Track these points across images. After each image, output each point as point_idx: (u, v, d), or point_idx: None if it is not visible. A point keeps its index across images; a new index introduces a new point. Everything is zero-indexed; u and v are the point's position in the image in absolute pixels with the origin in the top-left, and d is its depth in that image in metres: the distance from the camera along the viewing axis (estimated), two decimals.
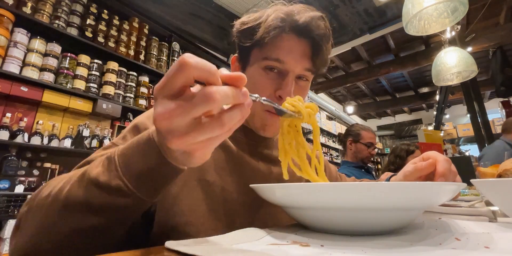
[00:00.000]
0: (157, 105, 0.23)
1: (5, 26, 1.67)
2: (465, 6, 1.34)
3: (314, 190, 0.29)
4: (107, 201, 0.29)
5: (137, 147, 0.30)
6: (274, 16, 0.51)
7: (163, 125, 0.23)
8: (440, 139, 2.35)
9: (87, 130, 1.98)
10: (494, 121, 5.01)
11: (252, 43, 0.52)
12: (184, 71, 0.22)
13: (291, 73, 0.52)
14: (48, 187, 0.35)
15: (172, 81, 0.22)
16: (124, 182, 0.29)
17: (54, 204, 0.31)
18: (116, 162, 0.30)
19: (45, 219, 0.31)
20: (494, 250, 0.24)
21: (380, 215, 0.30)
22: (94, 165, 0.32)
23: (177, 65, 0.22)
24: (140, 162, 0.29)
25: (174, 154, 0.27)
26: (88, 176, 0.30)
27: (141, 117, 0.51)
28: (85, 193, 0.30)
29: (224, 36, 3.29)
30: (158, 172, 0.29)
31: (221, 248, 0.24)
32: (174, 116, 0.22)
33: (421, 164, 0.46)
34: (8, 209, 1.53)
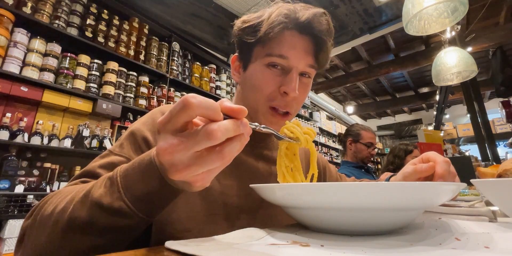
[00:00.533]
0: (160, 140, 0.25)
1: (5, 26, 1.67)
2: (465, 6, 1.34)
3: (314, 190, 0.29)
4: (110, 222, 0.30)
5: (138, 169, 0.30)
6: (278, 13, 0.51)
7: (166, 159, 0.25)
8: (440, 139, 2.35)
9: (87, 130, 1.98)
10: (494, 121, 5.02)
11: (255, 40, 0.52)
12: (187, 111, 0.23)
13: (294, 69, 0.52)
14: (50, 203, 0.35)
15: (175, 119, 0.24)
16: (127, 203, 0.29)
17: (58, 224, 0.31)
18: (119, 184, 0.30)
19: (48, 239, 0.32)
20: (494, 250, 0.24)
21: (380, 215, 0.30)
22: (96, 185, 0.32)
23: (180, 105, 0.23)
24: (142, 184, 0.30)
25: (175, 183, 0.29)
26: (91, 198, 0.31)
27: (137, 124, 0.51)
28: (88, 214, 0.30)
29: (224, 36, 3.28)
30: (159, 194, 0.30)
31: (221, 248, 0.24)
32: (176, 151, 0.24)
33: (421, 166, 0.46)
34: (8, 209, 1.53)
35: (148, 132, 0.48)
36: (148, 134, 0.48)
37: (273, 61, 0.52)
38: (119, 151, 0.46)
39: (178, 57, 2.79)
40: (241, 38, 0.55)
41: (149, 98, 2.47)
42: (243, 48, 0.57)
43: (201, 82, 2.97)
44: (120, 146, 0.47)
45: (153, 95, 2.51)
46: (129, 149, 0.46)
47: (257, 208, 0.52)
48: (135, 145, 0.47)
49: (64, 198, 0.34)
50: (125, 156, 0.45)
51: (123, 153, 0.46)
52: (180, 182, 0.28)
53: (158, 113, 0.53)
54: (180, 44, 2.87)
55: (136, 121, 0.53)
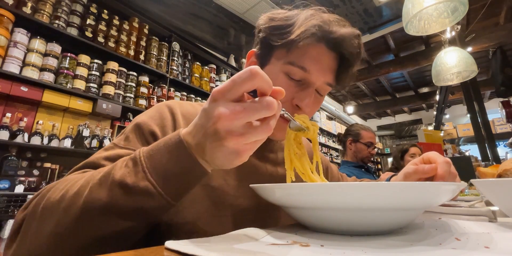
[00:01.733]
0: (219, 106, 0.26)
1: (5, 26, 1.67)
2: (465, 6, 1.34)
3: (314, 190, 0.29)
4: (133, 203, 0.29)
5: (165, 148, 0.30)
6: (313, 22, 0.47)
7: (225, 124, 0.26)
8: (440, 139, 2.35)
9: (87, 130, 1.98)
10: (494, 121, 5.02)
11: (281, 43, 0.49)
12: (254, 80, 0.25)
13: (312, 84, 0.50)
14: (55, 191, 0.33)
15: (239, 87, 0.25)
16: (153, 183, 0.29)
17: (71, 209, 0.29)
18: (143, 164, 0.29)
19: (59, 227, 0.29)
20: (494, 250, 0.24)
21: (380, 215, 0.30)
22: (116, 166, 0.31)
23: (248, 74, 0.25)
24: (170, 164, 0.29)
25: (218, 156, 0.28)
26: (112, 178, 0.29)
27: (143, 117, 0.49)
28: (109, 195, 0.29)
29: (224, 36, 3.29)
30: (186, 174, 0.30)
31: (221, 248, 0.24)
32: (238, 118, 0.25)
33: (422, 167, 0.45)
34: (8, 209, 1.53)
35: (156, 127, 0.47)
36: (156, 128, 0.46)
37: (293, 72, 0.49)
38: (125, 144, 0.44)
39: (178, 57, 2.79)
40: (265, 36, 0.52)
41: (149, 98, 2.47)
42: (263, 46, 0.54)
43: (201, 82, 2.97)
44: (126, 139, 0.45)
45: (153, 95, 2.51)
46: (136, 142, 0.44)
47: (263, 209, 0.51)
48: (142, 138, 0.45)
49: (74, 184, 0.32)
50: (133, 148, 0.43)
51: (130, 146, 0.44)
52: (227, 154, 0.28)
53: (164, 107, 0.51)
54: (180, 44, 2.87)
55: (142, 114, 0.51)
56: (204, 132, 0.28)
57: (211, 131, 0.27)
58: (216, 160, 0.29)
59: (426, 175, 0.45)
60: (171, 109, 0.51)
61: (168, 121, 0.49)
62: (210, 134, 0.27)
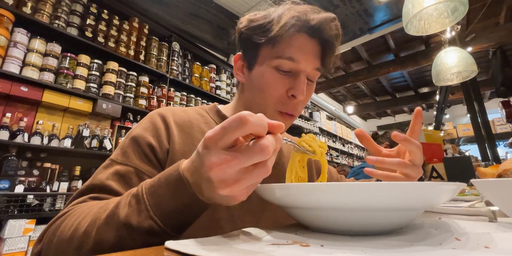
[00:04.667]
0: (211, 155, 0.25)
1: (5, 26, 1.67)
2: (465, 6, 1.34)
3: (314, 190, 0.29)
4: (139, 242, 0.29)
5: (166, 185, 0.30)
6: (290, 15, 0.50)
7: (218, 174, 0.25)
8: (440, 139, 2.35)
9: (87, 130, 1.98)
10: (494, 121, 5.02)
11: (265, 40, 0.51)
12: (244, 128, 0.24)
13: (303, 72, 0.52)
14: (65, 226, 0.34)
15: (230, 135, 0.24)
16: (157, 222, 0.29)
17: (83, 249, 0.30)
18: (146, 202, 0.30)
19: None
20: (494, 250, 0.24)
21: (380, 215, 0.30)
22: (121, 204, 0.31)
23: (237, 122, 0.24)
24: (171, 201, 0.29)
25: (216, 197, 0.28)
26: (117, 218, 0.30)
27: (138, 130, 0.49)
28: (116, 235, 0.30)
29: (224, 36, 3.28)
30: (189, 210, 0.30)
31: (221, 248, 0.24)
32: (230, 166, 0.24)
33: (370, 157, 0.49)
34: (8, 209, 1.53)
35: (151, 138, 0.47)
36: (152, 140, 0.47)
37: (283, 64, 0.51)
38: (124, 160, 0.44)
39: (178, 57, 2.79)
40: (248, 37, 0.54)
41: (149, 98, 2.47)
42: (248, 48, 0.56)
43: (201, 82, 2.97)
44: (124, 155, 0.45)
45: (153, 95, 2.51)
46: (133, 158, 0.45)
47: (260, 210, 0.52)
48: (140, 152, 0.46)
49: (82, 220, 0.33)
50: (132, 165, 0.44)
51: (128, 162, 0.44)
52: (222, 197, 0.28)
53: (157, 117, 0.52)
54: (180, 44, 2.87)
55: (135, 127, 0.51)
56: (200, 176, 0.28)
57: (205, 177, 0.27)
58: (213, 200, 0.30)
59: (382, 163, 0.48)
60: (163, 117, 0.52)
61: (162, 131, 0.49)
62: (205, 180, 0.27)
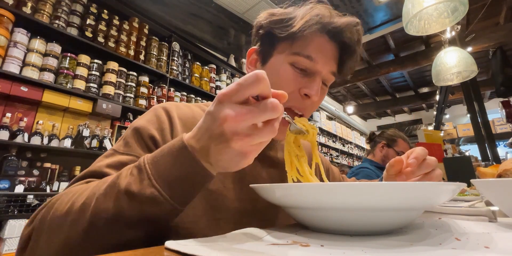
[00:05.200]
0: (225, 108, 0.26)
1: (5, 26, 1.67)
2: (465, 6, 1.34)
3: (314, 190, 0.29)
4: (139, 212, 0.29)
5: (169, 154, 0.30)
6: (314, 13, 0.49)
7: (231, 126, 0.26)
8: (440, 139, 2.35)
9: (87, 130, 1.98)
10: (494, 121, 5.02)
11: (285, 35, 0.50)
12: (260, 84, 0.26)
13: (319, 73, 0.51)
14: (60, 204, 0.33)
15: (245, 90, 0.26)
16: (158, 190, 0.29)
17: (79, 222, 0.29)
18: (148, 170, 0.29)
19: (68, 240, 0.29)
20: (494, 250, 0.24)
21: (380, 215, 0.30)
22: (122, 175, 0.31)
23: (253, 78, 0.26)
24: (174, 169, 0.29)
25: (224, 158, 0.29)
26: (118, 188, 0.29)
27: (140, 121, 0.48)
28: (116, 205, 0.29)
29: (224, 36, 3.28)
30: (192, 179, 0.30)
31: (221, 248, 0.24)
32: (244, 119, 0.26)
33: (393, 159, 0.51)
34: (8, 209, 1.53)
35: (154, 131, 0.46)
36: (155, 132, 0.46)
37: (299, 61, 0.50)
38: (126, 150, 0.44)
39: (178, 57, 2.79)
40: (267, 30, 0.53)
41: (149, 98, 2.47)
42: (265, 41, 0.55)
43: (201, 82, 2.97)
44: (126, 145, 0.44)
45: (153, 95, 2.51)
46: (136, 148, 0.44)
47: (260, 211, 0.51)
48: (142, 143, 0.45)
49: (80, 196, 0.32)
50: (134, 154, 0.43)
51: (131, 152, 0.43)
52: (233, 156, 0.28)
53: (161, 110, 0.51)
54: (180, 44, 2.87)
55: (139, 119, 0.50)
56: (210, 135, 0.28)
57: (217, 132, 0.27)
58: (221, 163, 0.29)
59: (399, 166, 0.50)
60: (167, 112, 0.51)
61: (165, 124, 0.48)
62: (216, 136, 0.27)
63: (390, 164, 0.51)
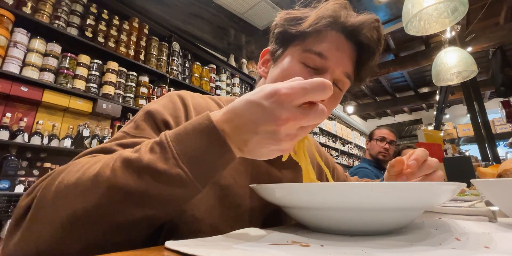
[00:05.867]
0: (286, 111, 0.26)
1: (5, 26, 1.67)
2: (465, 6, 1.34)
3: (314, 190, 0.29)
4: (162, 190, 0.27)
5: (195, 134, 0.28)
6: (327, 7, 0.47)
7: (288, 128, 0.27)
8: (440, 139, 2.35)
9: (87, 130, 1.98)
10: (494, 121, 5.02)
11: (296, 32, 0.48)
12: (325, 94, 0.27)
13: (330, 72, 0.47)
14: (68, 173, 0.30)
15: (309, 97, 0.27)
16: (185, 171, 0.27)
17: (91, 193, 0.27)
18: (173, 150, 0.28)
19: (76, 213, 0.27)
20: (494, 250, 0.24)
21: (380, 215, 0.30)
22: (142, 151, 0.29)
23: (322, 87, 0.27)
24: (201, 150, 0.28)
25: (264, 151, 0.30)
26: (140, 163, 0.27)
27: (155, 105, 0.45)
28: (138, 181, 0.27)
29: (224, 36, 3.28)
30: (216, 160, 0.29)
31: (221, 248, 0.24)
32: (300, 123, 0.28)
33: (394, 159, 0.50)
34: (8, 209, 1.53)
35: (169, 116, 0.44)
36: (169, 118, 0.44)
37: (310, 58, 0.47)
38: (138, 132, 0.41)
39: (178, 57, 2.79)
40: (281, 29, 0.51)
41: (149, 98, 2.47)
42: (279, 41, 0.52)
43: (201, 82, 2.97)
44: (137, 128, 0.42)
45: (153, 95, 2.51)
46: (149, 132, 0.41)
47: (271, 210, 0.50)
48: (154, 127, 0.42)
49: (91, 167, 0.29)
50: (147, 137, 0.40)
51: (144, 135, 0.40)
52: (267, 152, 0.30)
53: (176, 97, 0.49)
54: (180, 44, 2.87)
55: (153, 102, 0.47)
56: (257, 129, 0.28)
57: (270, 130, 0.27)
58: (255, 153, 0.30)
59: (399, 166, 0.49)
60: (183, 99, 0.49)
61: (181, 112, 0.46)
62: (267, 132, 0.28)
63: (391, 165, 0.51)
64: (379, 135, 1.98)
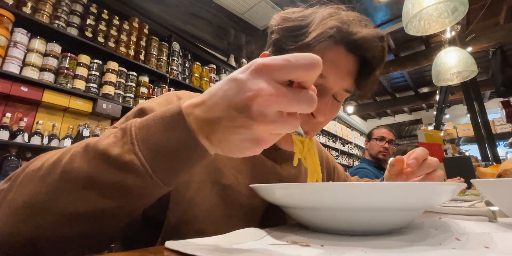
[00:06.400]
0: (262, 82, 0.22)
1: (5, 26, 1.66)
2: (465, 6, 1.34)
3: (314, 190, 0.29)
4: (115, 178, 0.25)
5: (161, 120, 0.25)
6: (330, 24, 0.43)
7: (262, 104, 0.22)
8: (440, 139, 2.35)
9: (87, 130, 1.98)
10: (494, 121, 5.02)
11: (294, 47, 0.44)
12: (313, 70, 0.22)
13: (329, 91, 0.46)
14: (39, 160, 0.29)
15: (293, 70, 0.22)
16: (139, 157, 0.24)
17: (48, 177, 0.26)
18: (133, 134, 0.25)
19: (33, 196, 0.26)
20: (494, 250, 0.24)
21: (380, 215, 0.30)
22: (103, 136, 0.27)
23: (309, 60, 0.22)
24: (163, 137, 0.25)
25: (234, 138, 0.24)
26: (95, 147, 0.26)
27: (150, 103, 0.45)
28: (90, 166, 0.25)
29: (224, 36, 3.28)
30: (182, 151, 0.25)
31: (221, 248, 0.24)
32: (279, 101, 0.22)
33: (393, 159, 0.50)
34: None
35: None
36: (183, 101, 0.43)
37: None
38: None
39: (178, 57, 2.79)
40: (277, 38, 0.47)
41: (149, 98, 2.47)
42: (276, 49, 0.49)
43: (201, 82, 2.97)
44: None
45: (153, 95, 2.51)
46: None
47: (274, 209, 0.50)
48: None
49: (58, 152, 0.29)
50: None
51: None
52: (237, 142, 0.24)
53: (174, 97, 0.48)
54: (180, 44, 2.87)
55: (149, 100, 0.46)
56: (228, 105, 0.23)
57: (240, 105, 0.22)
58: (225, 144, 0.25)
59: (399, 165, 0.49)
60: (180, 99, 0.49)
61: None
62: (237, 108, 0.22)
63: (391, 164, 0.51)
64: (378, 135, 1.98)
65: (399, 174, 0.50)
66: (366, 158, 2.06)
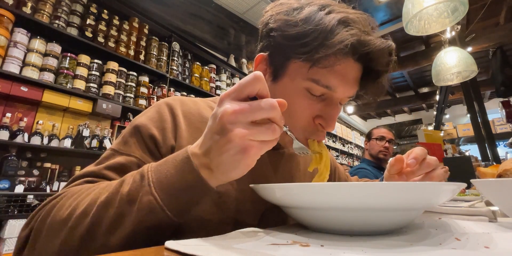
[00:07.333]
0: (225, 105, 0.28)
1: (5, 26, 1.67)
2: (465, 6, 1.34)
3: (314, 190, 0.29)
4: (137, 219, 0.29)
5: (172, 163, 0.31)
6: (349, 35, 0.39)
7: (230, 119, 0.27)
8: (440, 139, 2.35)
9: (87, 130, 1.98)
10: (494, 121, 5.01)
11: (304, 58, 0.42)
12: (257, 83, 0.28)
13: (336, 100, 0.46)
14: (61, 208, 0.33)
15: (244, 88, 0.28)
16: (156, 198, 0.29)
17: (78, 228, 0.30)
18: (149, 178, 0.30)
19: (65, 245, 0.30)
20: (494, 250, 0.24)
21: (380, 215, 0.30)
22: (125, 183, 0.31)
23: (252, 77, 0.28)
24: (174, 179, 0.30)
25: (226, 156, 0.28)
26: (120, 195, 0.30)
27: (141, 119, 0.46)
28: (116, 212, 0.29)
29: (224, 36, 3.29)
30: (189, 189, 0.30)
31: (221, 248, 0.24)
32: (242, 113, 0.27)
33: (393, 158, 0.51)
34: (8, 209, 1.53)
35: (155, 129, 0.45)
36: (155, 131, 0.45)
37: (316, 89, 0.44)
38: (126, 149, 0.43)
39: (178, 57, 2.79)
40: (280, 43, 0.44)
41: (149, 98, 2.47)
42: (276, 54, 0.47)
43: (201, 82, 2.97)
44: (126, 144, 0.43)
45: (153, 95, 2.51)
46: (136, 148, 0.43)
47: (269, 214, 0.50)
48: (141, 142, 0.44)
49: (81, 201, 0.32)
50: (134, 155, 0.42)
51: (131, 152, 0.42)
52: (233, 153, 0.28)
53: (164, 107, 0.49)
54: (180, 44, 2.87)
55: (141, 115, 0.48)
56: (212, 133, 0.29)
57: (217, 128, 0.28)
58: (222, 166, 0.29)
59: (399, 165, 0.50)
60: (171, 108, 0.49)
61: (168, 123, 0.47)
62: (217, 131, 0.28)
63: (391, 163, 0.51)
64: (378, 135, 1.98)
65: (399, 173, 0.50)
66: (366, 158, 2.06)
